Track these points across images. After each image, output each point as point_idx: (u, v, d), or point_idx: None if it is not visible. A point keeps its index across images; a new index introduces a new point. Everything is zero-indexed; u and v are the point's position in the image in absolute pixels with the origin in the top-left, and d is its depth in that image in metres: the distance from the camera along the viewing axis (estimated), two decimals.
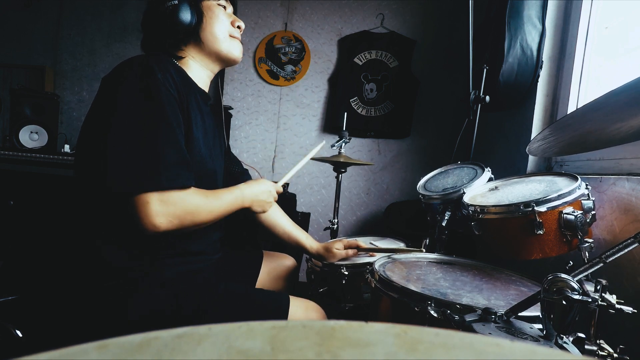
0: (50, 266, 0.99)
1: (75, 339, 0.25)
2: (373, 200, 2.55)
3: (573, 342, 0.56)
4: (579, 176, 0.92)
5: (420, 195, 1.29)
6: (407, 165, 2.52)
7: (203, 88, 0.96)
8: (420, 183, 1.37)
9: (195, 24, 0.89)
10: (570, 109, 1.45)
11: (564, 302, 0.52)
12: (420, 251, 1.11)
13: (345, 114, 1.68)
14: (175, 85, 0.79)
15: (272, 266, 1.19)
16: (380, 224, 2.48)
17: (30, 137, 2.12)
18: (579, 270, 0.57)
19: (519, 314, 0.59)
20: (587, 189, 0.89)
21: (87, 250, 0.79)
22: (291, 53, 2.53)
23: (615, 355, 0.60)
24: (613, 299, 0.63)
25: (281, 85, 2.55)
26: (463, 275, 0.94)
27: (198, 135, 0.85)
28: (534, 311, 0.62)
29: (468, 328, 0.57)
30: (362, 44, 2.46)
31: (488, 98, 1.47)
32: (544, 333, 0.55)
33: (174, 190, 0.73)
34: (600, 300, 0.61)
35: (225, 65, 0.99)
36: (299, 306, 0.89)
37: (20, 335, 0.77)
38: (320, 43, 2.53)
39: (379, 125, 2.46)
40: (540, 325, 0.58)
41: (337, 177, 1.63)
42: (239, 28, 0.97)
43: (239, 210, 0.90)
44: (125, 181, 0.70)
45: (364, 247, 1.19)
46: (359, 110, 2.47)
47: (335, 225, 1.62)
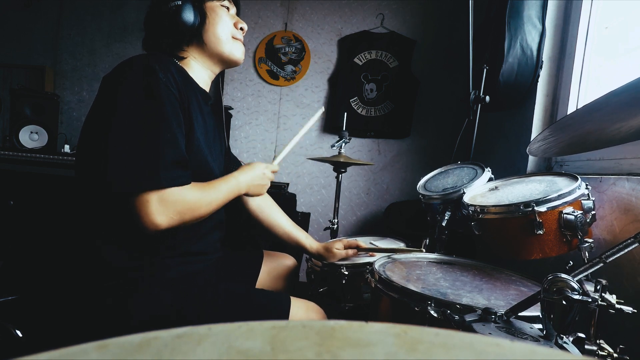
0: (50, 266, 0.99)
1: (75, 339, 0.25)
2: (373, 200, 2.55)
3: (573, 342, 0.56)
4: (579, 176, 0.92)
5: (420, 195, 1.29)
6: (407, 165, 2.52)
7: (204, 88, 0.96)
8: (420, 183, 1.37)
9: (198, 25, 0.88)
10: (570, 109, 1.45)
11: (564, 302, 0.52)
12: (420, 251, 1.11)
13: (345, 114, 1.68)
14: (177, 84, 0.78)
15: (273, 266, 1.19)
16: (380, 224, 2.48)
17: (30, 137, 2.12)
18: (579, 270, 0.57)
19: (519, 314, 0.59)
20: (587, 189, 0.89)
21: (87, 250, 0.79)
22: (291, 53, 2.53)
23: (615, 355, 0.60)
24: (613, 299, 0.63)
25: (281, 85, 2.55)
26: (463, 275, 0.94)
27: (199, 135, 0.85)
28: (534, 311, 0.62)
29: (468, 328, 0.57)
30: (362, 44, 2.46)
31: (488, 98, 1.47)
32: (544, 333, 0.55)
33: (172, 188, 0.74)
34: (600, 300, 0.61)
35: (226, 66, 0.99)
36: (299, 307, 0.89)
37: (20, 335, 0.77)
38: (320, 43, 2.53)
39: (379, 125, 2.46)
40: (540, 325, 0.58)
41: (337, 177, 1.63)
42: (241, 30, 0.97)
43: (239, 210, 0.90)
44: (125, 181, 0.70)
45: (364, 247, 1.19)
46: (359, 110, 2.47)
47: (335, 225, 1.62)
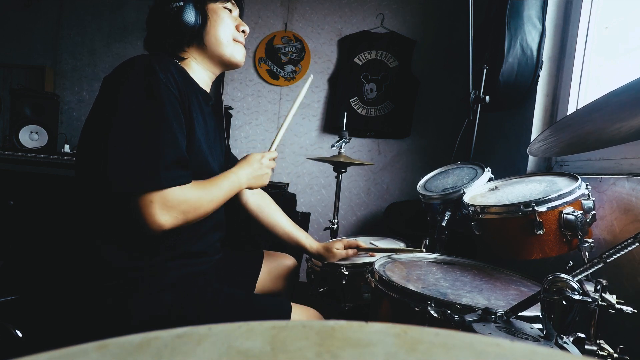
0: (50, 266, 0.98)
1: (75, 339, 0.25)
2: (373, 200, 2.55)
3: (573, 342, 0.56)
4: (579, 176, 0.92)
5: (420, 195, 1.29)
6: (407, 165, 2.52)
7: (204, 88, 0.96)
8: (420, 183, 1.37)
9: (199, 27, 0.88)
10: (571, 109, 1.45)
11: (564, 302, 0.52)
12: (420, 251, 1.11)
13: (345, 114, 1.68)
14: (177, 85, 0.78)
15: (273, 266, 1.20)
16: (380, 224, 2.48)
17: (30, 137, 2.12)
18: (579, 270, 0.57)
19: (519, 314, 0.59)
20: (587, 189, 0.89)
21: (87, 250, 0.79)
22: (291, 53, 2.53)
23: (615, 355, 0.60)
24: (613, 299, 0.63)
25: (281, 85, 2.55)
26: (463, 275, 0.94)
27: (200, 135, 0.85)
28: (534, 311, 0.62)
29: (468, 328, 0.57)
30: (362, 44, 2.46)
31: (488, 98, 1.47)
32: (544, 333, 0.55)
33: (174, 188, 0.74)
34: (600, 300, 0.61)
35: (227, 68, 0.99)
36: (300, 313, 0.90)
37: (20, 335, 0.77)
38: (320, 43, 2.53)
39: (379, 125, 2.46)
40: (540, 325, 0.58)
41: (337, 177, 1.63)
42: (243, 32, 0.97)
43: (238, 210, 0.90)
44: (126, 181, 0.70)
45: (364, 247, 1.19)
46: (359, 110, 2.47)
47: (335, 225, 1.62)
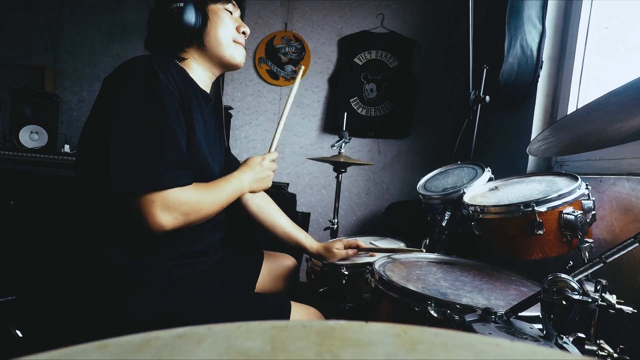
0: (50, 266, 0.98)
1: (75, 339, 0.25)
2: (373, 200, 2.55)
3: (573, 342, 0.56)
4: (579, 176, 0.92)
5: (420, 195, 1.29)
6: (407, 165, 2.52)
7: (204, 89, 0.96)
8: (420, 183, 1.37)
9: (199, 28, 0.88)
10: (570, 109, 1.45)
11: (564, 302, 0.52)
12: (420, 251, 1.11)
13: (345, 114, 1.68)
14: (177, 85, 0.79)
15: (273, 266, 1.19)
16: (380, 224, 2.48)
17: (30, 137, 2.12)
18: (579, 270, 0.57)
19: (519, 314, 0.59)
20: (587, 189, 0.89)
21: (87, 250, 0.79)
22: (291, 53, 2.53)
23: (615, 355, 0.60)
24: (613, 299, 0.63)
25: (281, 85, 2.55)
26: (463, 275, 0.94)
27: (200, 136, 0.85)
28: (534, 311, 0.62)
29: (468, 328, 0.57)
30: (362, 44, 2.46)
31: (488, 98, 1.47)
32: (544, 333, 0.55)
33: (176, 189, 0.74)
34: (600, 300, 0.61)
35: (227, 70, 0.99)
36: (300, 313, 0.90)
37: (20, 335, 0.77)
38: (320, 43, 2.53)
39: (379, 125, 2.46)
40: (540, 325, 0.58)
41: (337, 177, 1.63)
42: (244, 34, 0.97)
43: (238, 210, 0.90)
44: (126, 181, 0.70)
45: (364, 247, 1.19)
46: (359, 110, 2.47)
47: (335, 225, 1.62)
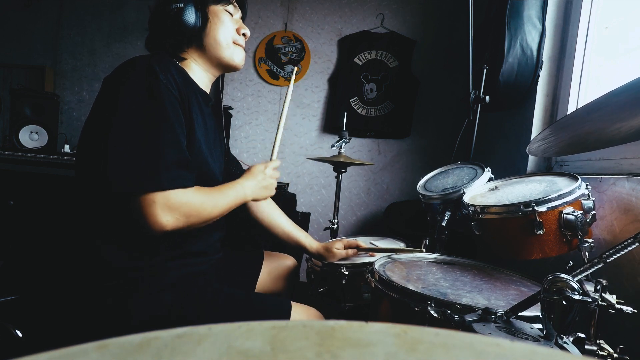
0: (50, 266, 0.98)
1: (75, 339, 0.25)
2: (373, 200, 2.55)
3: (573, 342, 0.56)
4: (579, 176, 0.92)
5: (420, 195, 1.29)
6: (407, 165, 2.52)
7: (204, 89, 0.96)
8: (420, 183, 1.37)
9: (198, 28, 0.88)
10: (570, 109, 1.45)
11: (564, 302, 0.52)
12: (420, 251, 1.11)
13: (345, 114, 1.68)
14: (177, 86, 0.79)
15: (273, 266, 1.19)
16: (380, 224, 2.48)
17: (30, 137, 2.12)
18: (579, 270, 0.57)
19: (519, 314, 0.59)
20: (587, 189, 0.89)
21: (87, 250, 0.79)
22: (291, 53, 2.53)
23: (615, 355, 0.60)
24: (613, 299, 0.63)
25: (281, 85, 2.55)
26: (463, 275, 0.94)
27: (200, 136, 0.85)
28: (534, 311, 0.62)
29: (468, 328, 0.57)
30: (362, 44, 2.46)
31: (488, 98, 1.47)
32: (544, 333, 0.55)
33: (177, 189, 0.74)
34: (600, 300, 0.61)
35: (226, 71, 0.99)
36: (300, 313, 0.90)
37: (20, 335, 0.77)
38: (320, 43, 2.53)
39: (379, 125, 2.46)
40: (540, 325, 0.58)
41: (337, 177, 1.63)
42: (244, 35, 0.97)
43: (239, 210, 0.90)
44: (126, 181, 0.70)
45: (364, 247, 1.19)
46: (359, 110, 2.47)
47: (335, 225, 1.62)
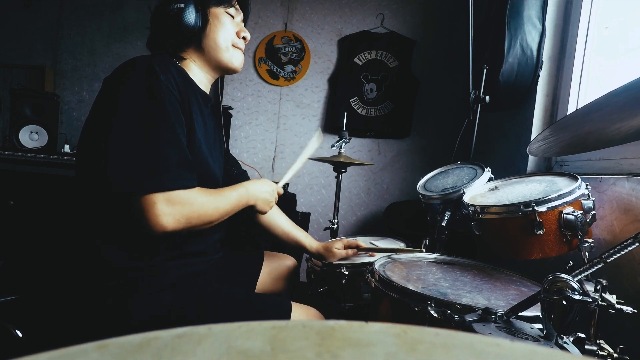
0: (50, 266, 0.99)
1: (75, 339, 0.25)
2: (373, 200, 2.55)
3: (573, 342, 0.56)
4: (579, 176, 0.92)
5: (420, 195, 1.29)
6: (407, 165, 2.52)
7: (204, 90, 0.96)
8: (420, 183, 1.37)
9: (198, 29, 0.88)
10: (570, 109, 1.45)
11: (564, 302, 0.52)
12: (420, 251, 1.11)
13: (345, 114, 1.68)
14: (177, 86, 0.79)
15: (273, 266, 1.19)
16: (380, 224, 2.48)
17: (30, 137, 2.12)
18: (579, 270, 0.57)
19: (519, 314, 0.59)
20: (587, 189, 0.89)
21: (87, 250, 0.79)
22: (291, 53, 2.53)
23: (615, 355, 0.60)
24: (613, 299, 0.63)
25: (281, 85, 2.55)
26: (463, 275, 0.94)
27: (200, 136, 0.85)
28: (534, 311, 0.62)
29: (468, 328, 0.57)
30: (362, 44, 2.46)
31: (488, 98, 1.47)
32: (544, 333, 0.55)
33: (179, 190, 0.74)
34: (600, 300, 0.61)
35: (224, 73, 0.99)
36: (300, 313, 0.90)
37: (20, 335, 0.77)
38: (320, 43, 2.53)
39: (379, 125, 2.46)
40: (540, 325, 0.58)
41: (337, 177, 1.63)
42: (244, 39, 0.97)
43: (241, 210, 0.90)
44: (126, 181, 0.70)
45: (363, 247, 1.19)
46: (359, 110, 2.47)
47: (335, 225, 1.62)
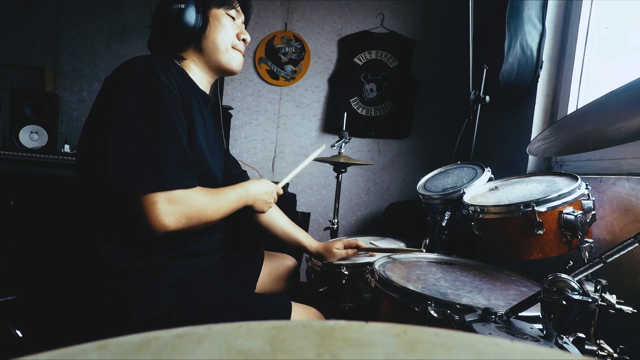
0: (50, 266, 0.99)
1: (75, 339, 0.25)
2: (373, 200, 2.55)
3: (573, 342, 0.56)
4: (579, 176, 0.92)
5: (420, 195, 1.29)
6: (407, 165, 2.52)
7: (204, 90, 0.96)
8: (420, 183, 1.37)
9: (198, 30, 0.88)
10: (570, 109, 1.45)
11: (564, 302, 0.52)
12: (420, 251, 1.11)
13: (345, 114, 1.68)
14: (178, 85, 0.79)
15: (274, 266, 1.19)
16: (380, 224, 2.48)
17: (30, 137, 2.12)
18: (579, 270, 0.57)
19: (519, 314, 0.59)
20: (587, 189, 0.89)
21: (87, 250, 0.79)
22: (291, 53, 2.53)
23: (615, 355, 0.60)
24: (613, 299, 0.63)
25: (281, 85, 2.55)
26: (463, 275, 0.94)
27: (200, 136, 0.85)
28: (534, 311, 0.62)
29: (468, 328, 0.57)
30: (362, 44, 2.46)
31: (488, 98, 1.47)
32: (544, 333, 0.55)
33: (179, 190, 0.74)
34: (600, 300, 0.61)
35: (222, 74, 0.99)
36: (300, 313, 0.90)
37: (20, 335, 0.77)
38: (320, 43, 2.53)
39: (379, 125, 2.46)
40: (540, 325, 0.58)
41: (337, 177, 1.63)
42: (244, 41, 0.97)
43: (241, 210, 0.90)
44: (126, 181, 0.70)
45: (363, 247, 1.19)
46: (359, 110, 2.47)
47: (335, 225, 1.62)
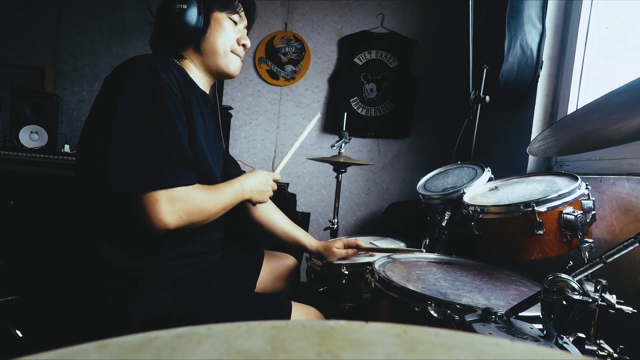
0: (50, 266, 0.99)
1: (75, 339, 0.25)
2: (373, 200, 2.55)
3: (573, 342, 0.56)
4: (579, 176, 0.92)
5: (420, 195, 1.29)
6: (407, 165, 2.52)
7: (204, 90, 0.96)
8: (420, 183, 1.37)
9: (199, 31, 0.88)
10: (570, 109, 1.45)
11: (564, 302, 0.52)
12: (420, 251, 1.11)
13: (345, 114, 1.68)
14: (178, 84, 0.79)
15: (274, 266, 1.19)
16: (380, 224, 2.48)
17: (30, 137, 2.12)
18: (579, 270, 0.57)
19: (519, 314, 0.59)
20: (587, 189, 0.89)
21: (87, 250, 0.79)
22: (291, 53, 2.53)
23: (615, 355, 0.60)
24: (613, 299, 0.63)
25: (281, 85, 2.55)
26: (463, 275, 0.94)
27: (200, 135, 0.85)
28: (534, 311, 0.62)
29: (468, 328, 0.57)
30: (362, 44, 2.46)
31: (488, 98, 1.47)
32: (544, 333, 0.55)
33: (180, 187, 0.74)
34: (600, 300, 0.61)
35: (220, 77, 0.99)
36: (301, 312, 0.90)
37: (20, 335, 0.77)
38: (320, 43, 2.53)
39: (379, 125, 2.46)
40: (540, 325, 0.58)
41: (337, 177, 1.63)
42: (244, 46, 0.97)
43: (240, 205, 0.90)
44: (126, 181, 0.70)
45: (363, 247, 1.19)
46: (359, 110, 2.47)
47: (335, 225, 1.62)
